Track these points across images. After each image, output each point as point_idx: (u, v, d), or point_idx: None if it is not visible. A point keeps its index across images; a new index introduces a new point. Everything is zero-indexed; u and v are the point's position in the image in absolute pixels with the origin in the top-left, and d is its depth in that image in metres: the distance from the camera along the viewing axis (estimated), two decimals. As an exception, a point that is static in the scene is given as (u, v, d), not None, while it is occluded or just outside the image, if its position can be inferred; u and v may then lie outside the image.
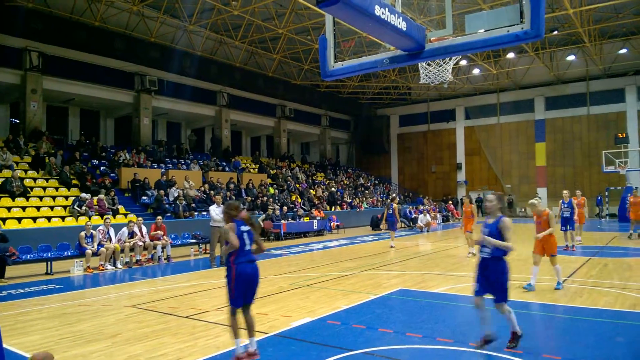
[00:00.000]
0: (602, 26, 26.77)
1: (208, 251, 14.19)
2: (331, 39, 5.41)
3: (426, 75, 7.47)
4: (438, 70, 7.32)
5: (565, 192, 14.56)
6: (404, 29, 4.48)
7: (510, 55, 30.92)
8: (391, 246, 16.21)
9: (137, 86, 23.91)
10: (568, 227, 14.29)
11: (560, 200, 14.60)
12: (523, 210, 34.53)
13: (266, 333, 6.11)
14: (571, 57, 30.82)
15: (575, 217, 14.53)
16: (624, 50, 29.32)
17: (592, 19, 25.84)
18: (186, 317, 7.05)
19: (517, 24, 4.26)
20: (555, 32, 27.00)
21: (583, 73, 32.79)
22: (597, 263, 11.74)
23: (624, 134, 27.83)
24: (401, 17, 4.39)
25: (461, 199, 25.79)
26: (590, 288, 8.65)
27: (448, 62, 7.37)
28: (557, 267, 8.64)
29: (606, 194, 29.66)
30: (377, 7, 4.07)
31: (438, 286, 9.21)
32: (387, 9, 4.18)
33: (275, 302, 7.92)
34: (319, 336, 6.00)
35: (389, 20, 4.21)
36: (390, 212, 16.93)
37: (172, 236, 15.26)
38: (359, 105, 40.13)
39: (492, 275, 5.29)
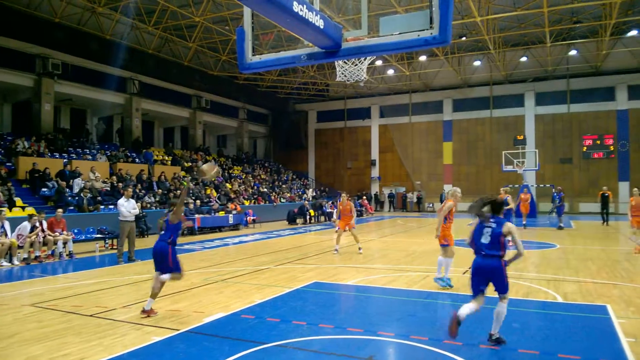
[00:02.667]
0: (505, 35, 28.86)
1: (115, 247, 13.50)
2: (249, 31, 5.37)
3: (342, 74, 7.65)
4: (354, 69, 7.51)
5: (502, 189, 15.74)
6: (322, 27, 4.56)
7: (422, 58, 32.42)
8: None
9: (38, 69, 22.05)
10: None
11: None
12: (431, 205, 36.48)
13: (177, 329, 5.97)
14: (477, 63, 32.99)
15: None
16: (524, 59, 31.83)
17: (497, 27, 27.76)
18: (90, 315, 6.69)
19: (427, 29, 4.49)
20: (464, 38, 28.72)
21: (487, 78, 35.17)
22: (494, 255, 12.66)
23: (522, 136, 30.21)
24: (319, 15, 4.47)
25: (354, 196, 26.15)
26: (488, 278, 9.33)
27: (363, 62, 7.59)
28: (441, 259, 8.60)
29: (501, 190, 32.04)
30: (295, 3, 4.11)
31: (351, 278, 9.49)
32: (305, 6, 4.23)
33: (188, 298, 7.75)
34: (233, 331, 5.97)
35: (306, 18, 4.27)
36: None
37: (75, 231, 14.32)
38: (277, 100, 40.06)
39: (497, 271, 5.35)
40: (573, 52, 30.38)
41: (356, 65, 7.46)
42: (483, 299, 5.42)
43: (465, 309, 5.26)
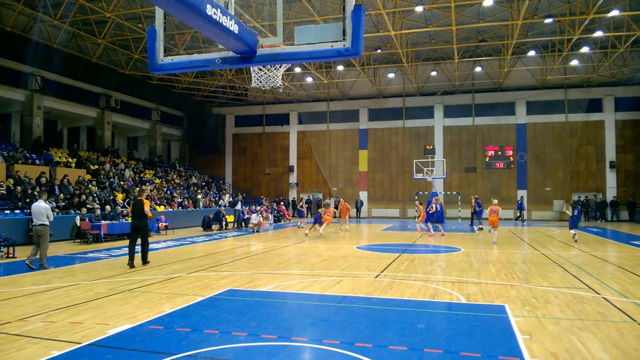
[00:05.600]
0: (417, 49, 30.34)
1: (10, 255, 12.40)
2: (161, 31, 5.20)
3: (258, 79, 7.61)
4: (269, 76, 7.51)
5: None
6: (236, 32, 4.52)
7: (340, 67, 33.22)
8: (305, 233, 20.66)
9: None
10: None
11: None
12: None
13: (79, 343, 5.59)
14: (391, 75, 34.38)
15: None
16: (434, 73, 33.65)
17: (410, 42, 29.13)
18: (-22, 332, 6.09)
19: (340, 41, 4.61)
20: (379, 51, 29.81)
21: (400, 90, 36.72)
22: (405, 259, 13.23)
23: (432, 146, 31.82)
24: (233, 20, 4.42)
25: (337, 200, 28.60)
26: (399, 281, 9.73)
27: (279, 69, 7.61)
28: None
29: (416, 197, 33.57)
30: (208, 6, 4.04)
31: (266, 285, 9.44)
32: (219, 10, 4.17)
33: (91, 310, 7.29)
34: (140, 343, 5.70)
35: (220, 22, 4.21)
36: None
37: (-37, 239, 12.99)
38: (194, 102, 39.03)
39: None
40: (478, 69, 32.68)
41: (272, 71, 7.46)
42: None
43: None
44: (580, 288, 9.01)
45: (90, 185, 22.51)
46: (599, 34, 25.58)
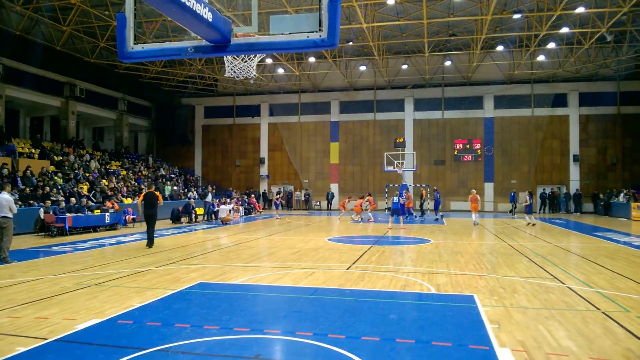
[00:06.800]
0: (389, 43, 30.49)
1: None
2: (131, 18, 5.03)
3: (231, 69, 7.49)
4: (243, 66, 7.40)
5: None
6: (210, 20, 4.42)
7: (312, 59, 33.08)
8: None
9: None
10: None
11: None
12: (318, 203, 37.42)
13: (45, 339, 5.43)
14: (362, 68, 34.47)
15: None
16: (405, 66, 33.89)
17: (382, 35, 29.24)
18: None
19: (316, 32, 4.57)
20: (351, 43, 29.83)
21: (372, 83, 36.88)
22: (376, 250, 13.35)
23: (402, 139, 32.08)
24: (207, 8, 4.32)
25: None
26: (371, 272, 9.81)
27: (253, 59, 7.51)
28: None
29: (386, 190, 33.90)
30: (182, -8, 3.94)
31: (238, 277, 9.37)
32: (193, -3, 4.07)
33: (58, 304, 7.08)
34: (109, 338, 5.57)
35: (194, 9, 4.11)
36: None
37: None
38: (162, 92, 38.23)
39: None
40: (448, 63, 33.09)
41: (246, 61, 7.36)
42: None
43: None
44: (545, 278, 9.28)
45: (55, 177, 21.83)
46: (565, 30, 26.26)
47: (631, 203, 27.01)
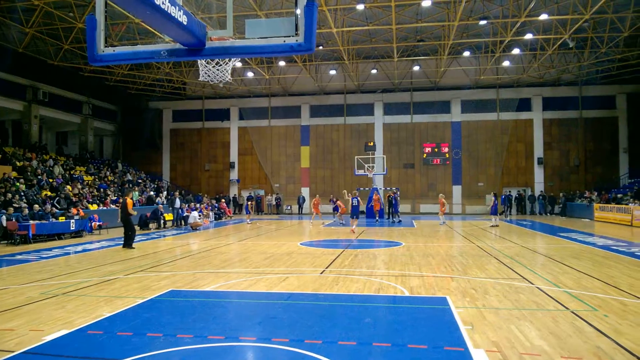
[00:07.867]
0: (358, 47, 30.73)
1: None
2: (102, 20, 4.91)
3: (206, 73, 7.39)
4: (218, 70, 7.31)
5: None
6: (185, 23, 4.35)
7: (282, 63, 33.04)
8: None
9: None
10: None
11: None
12: (289, 207, 37.32)
13: (12, 351, 5.20)
14: (332, 72, 34.65)
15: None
16: (374, 71, 34.23)
17: (351, 40, 29.45)
18: None
19: (293, 36, 4.55)
20: (321, 47, 29.93)
21: (342, 87, 37.07)
22: (349, 254, 13.38)
23: (372, 143, 32.39)
24: (182, 10, 4.25)
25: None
26: (345, 276, 9.81)
27: (228, 63, 7.43)
28: None
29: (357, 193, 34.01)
30: (156, -5, 3.85)
31: (210, 284, 9.22)
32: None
33: (23, 315, 6.81)
34: (79, 349, 5.38)
35: (168, 11, 4.03)
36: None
37: None
38: (128, 96, 37.43)
39: None
40: (416, 68, 33.60)
41: (220, 65, 7.27)
42: None
43: None
44: (515, 278, 9.48)
45: (17, 183, 21.07)
46: (529, 36, 27.03)
47: (594, 204, 27.93)
